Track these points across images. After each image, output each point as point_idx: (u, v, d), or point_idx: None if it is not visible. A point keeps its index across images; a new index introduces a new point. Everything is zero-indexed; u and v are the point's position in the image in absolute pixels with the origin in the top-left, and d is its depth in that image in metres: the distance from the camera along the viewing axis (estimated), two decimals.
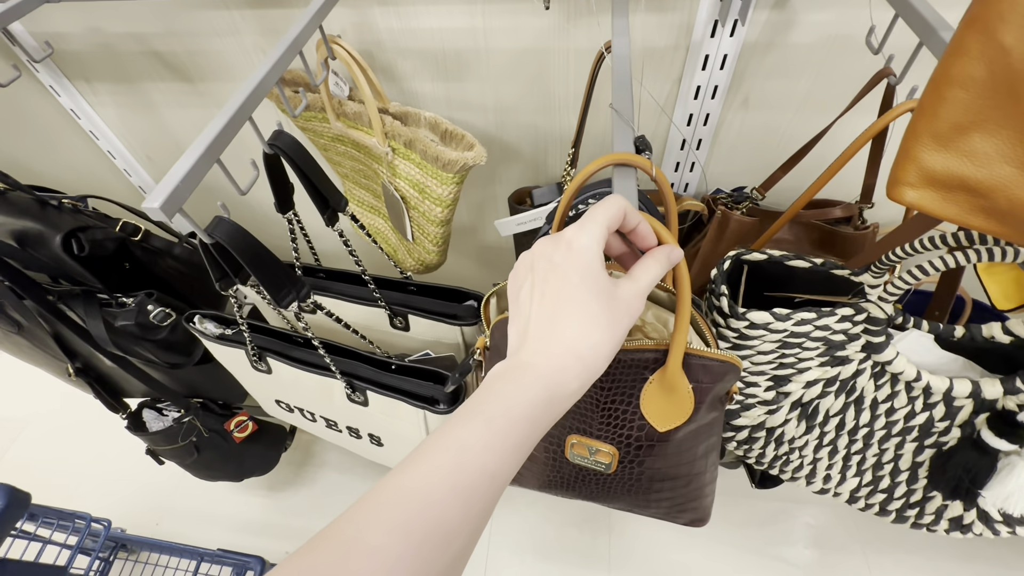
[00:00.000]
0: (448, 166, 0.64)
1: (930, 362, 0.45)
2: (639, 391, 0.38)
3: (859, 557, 1.09)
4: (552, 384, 0.27)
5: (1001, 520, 0.45)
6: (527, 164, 0.89)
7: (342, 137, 0.77)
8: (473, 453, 0.24)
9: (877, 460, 0.48)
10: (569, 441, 0.43)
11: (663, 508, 0.44)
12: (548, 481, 0.46)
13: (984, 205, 0.27)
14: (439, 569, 0.22)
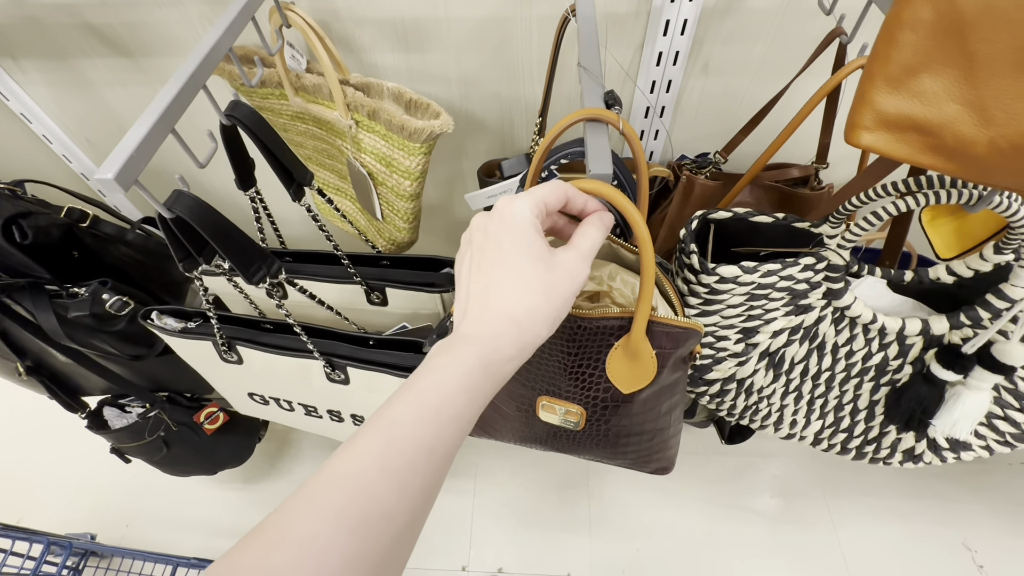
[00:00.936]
0: (414, 135, 0.62)
1: (883, 305, 0.48)
2: (605, 356, 0.41)
3: (820, 502, 1.16)
4: (488, 351, 0.27)
5: (947, 447, 0.49)
6: (494, 136, 0.88)
7: (302, 114, 0.74)
8: (406, 429, 0.24)
9: (838, 402, 0.51)
10: (540, 402, 0.45)
11: (630, 459, 0.47)
12: (522, 436, 0.49)
13: (933, 143, 0.29)
14: (377, 551, 0.21)
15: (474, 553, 1.12)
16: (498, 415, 0.49)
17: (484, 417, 0.51)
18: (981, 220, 0.68)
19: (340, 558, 0.20)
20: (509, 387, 0.46)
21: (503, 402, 0.47)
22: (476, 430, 0.53)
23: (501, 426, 0.49)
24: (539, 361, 0.43)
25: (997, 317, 0.41)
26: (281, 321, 0.63)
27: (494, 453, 1.24)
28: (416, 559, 1.11)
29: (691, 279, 0.49)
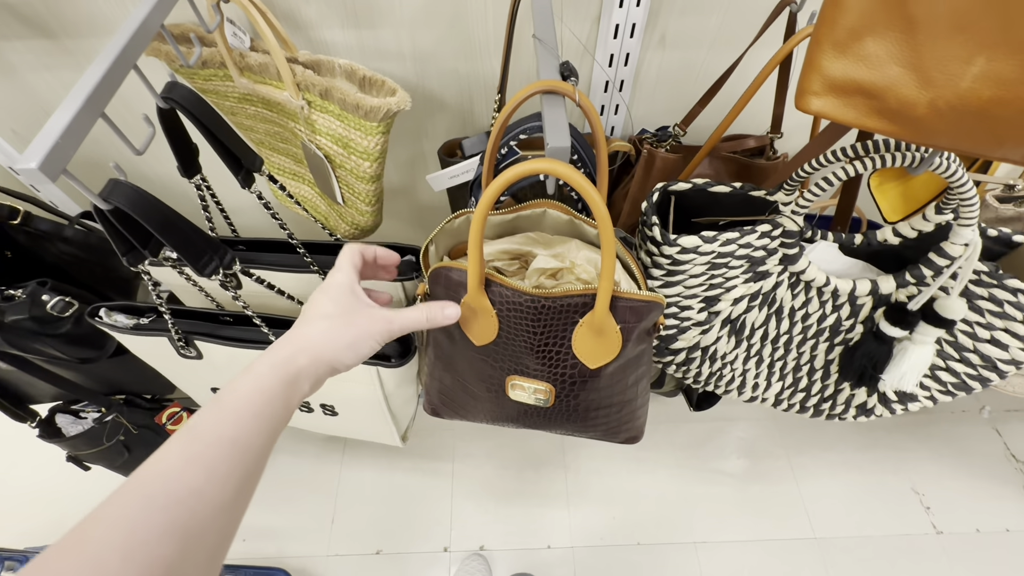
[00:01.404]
0: (371, 114, 0.60)
1: (836, 268, 0.50)
2: (571, 333, 0.41)
3: (783, 460, 1.22)
4: (280, 361, 0.33)
5: (896, 400, 0.52)
6: (453, 115, 0.86)
7: (250, 96, 0.70)
8: (207, 426, 0.29)
9: (796, 363, 0.53)
10: (509, 382, 0.45)
11: (600, 431, 0.49)
12: (494, 416, 0.49)
13: (878, 106, 0.30)
14: (193, 522, 0.25)
15: (455, 533, 1.13)
16: (469, 397, 0.49)
17: (456, 400, 0.51)
18: (924, 183, 0.71)
19: (156, 528, 0.24)
20: (478, 368, 0.46)
21: (473, 384, 0.47)
22: (450, 412, 0.53)
23: (473, 407, 0.49)
24: (507, 342, 0.43)
25: (939, 274, 0.44)
26: (240, 313, 0.61)
27: (470, 436, 1.25)
28: (398, 543, 1.11)
29: (654, 251, 0.49)
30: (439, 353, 0.50)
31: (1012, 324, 0.44)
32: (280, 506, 1.17)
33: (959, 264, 0.42)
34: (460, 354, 0.47)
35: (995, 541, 1.09)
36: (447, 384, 0.50)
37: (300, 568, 1.09)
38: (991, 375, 0.47)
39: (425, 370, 0.54)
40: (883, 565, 1.08)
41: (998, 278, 0.43)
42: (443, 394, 0.52)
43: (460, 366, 0.47)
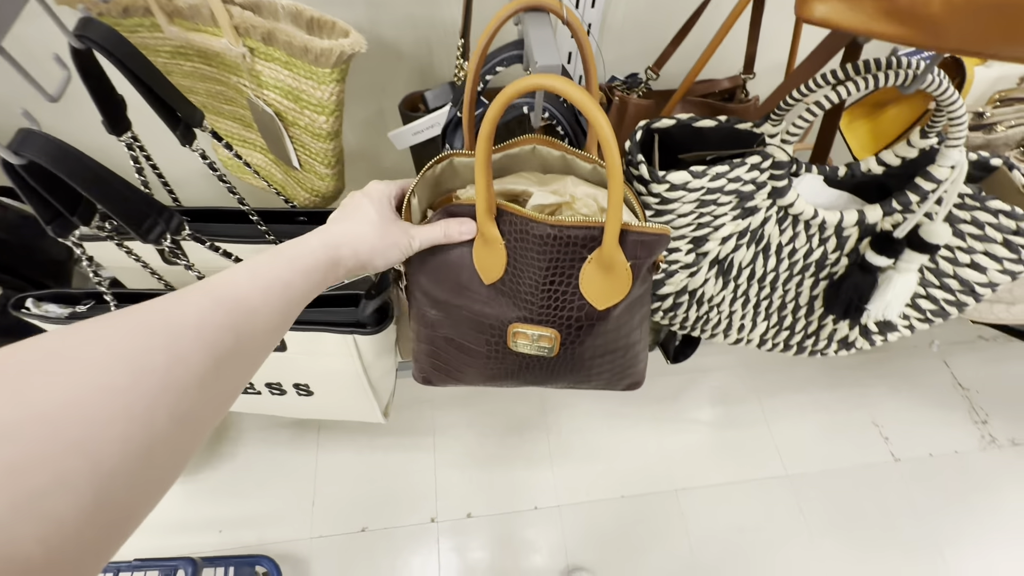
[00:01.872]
0: (322, 58, 0.54)
1: (821, 201, 0.49)
2: (578, 271, 0.39)
3: (755, 404, 1.27)
4: (327, 236, 0.37)
5: (876, 331, 0.53)
6: (411, 67, 0.81)
7: (184, 48, 0.63)
8: (270, 267, 0.32)
9: (781, 301, 0.53)
10: (511, 331, 0.42)
11: (604, 379, 0.47)
12: (492, 374, 0.46)
13: (887, 7, 0.28)
14: (244, 329, 0.28)
15: (441, 504, 1.12)
16: (465, 355, 0.46)
17: (449, 363, 0.48)
18: (892, 120, 0.71)
19: (221, 323, 0.26)
20: (479, 323, 0.43)
21: (471, 340, 0.45)
22: (442, 377, 0.50)
23: (469, 367, 0.47)
24: (512, 282, 0.41)
25: (925, 199, 0.44)
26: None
27: (450, 405, 1.23)
28: (383, 519, 1.09)
29: (641, 191, 0.47)
30: (425, 317, 0.47)
31: (992, 246, 0.44)
32: (255, 493, 1.12)
33: (945, 187, 0.42)
34: (458, 308, 0.44)
35: (946, 463, 1.18)
36: (439, 346, 0.47)
37: (284, 553, 1.05)
38: (968, 299, 0.48)
39: (411, 336, 0.51)
40: (849, 495, 1.15)
41: (981, 200, 0.43)
42: (434, 357, 0.49)
43: (456, 321, 0.45)
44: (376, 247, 0.39)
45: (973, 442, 1.20)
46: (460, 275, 0.42)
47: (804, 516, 1.12)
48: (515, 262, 0.40)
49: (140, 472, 0.20)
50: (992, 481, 1.15)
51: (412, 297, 0.47)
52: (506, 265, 0.40)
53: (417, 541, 1.08)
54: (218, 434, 1.18)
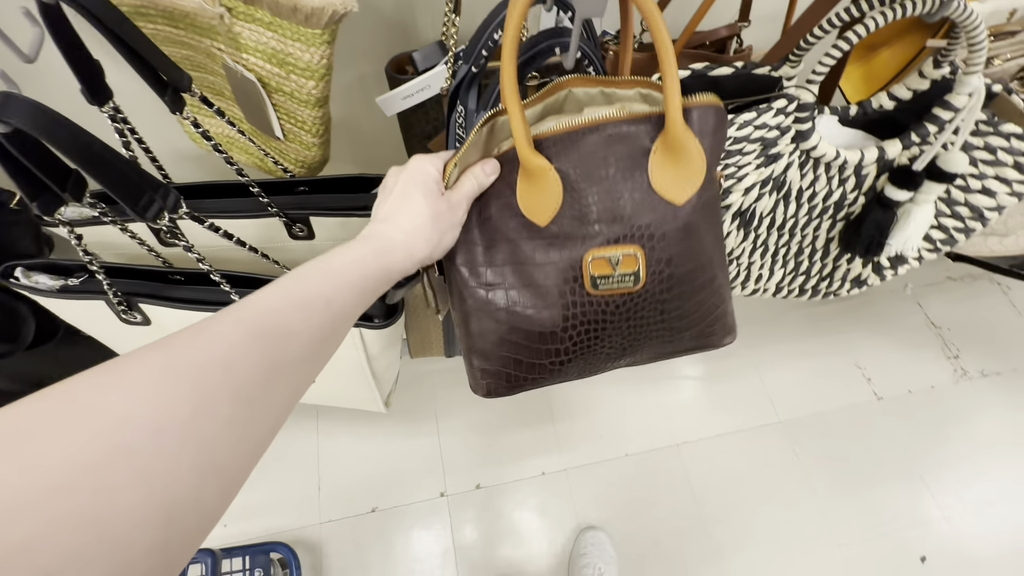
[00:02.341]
0: (312, 18, 0.50)
1: (838, 142, 0.49)
2: (645, 166, 0.35)
3: (745, 357, 1.31)
4: (378, 241, 0.35)
5: (888, 265, 0.54)
6: (392, 27, 0.76)
7: (146, 8, 0.57)
8: (309, 283, 0.30)
9: (799, 247, 0.54)
10: (587, 261, 0.37)
11: (695, 330, 0.41)
12: (572, 351, 0.40)
13: None
14: (283, 359, 0.26)
15: (449, 479, 1.12)
16: (536, 331, 0.39)
17: (519, 352, 0.40)
18: (885, 63, 0.72)
19: (253, 354, 0.25)
20: (546, 274, 0.38)
21: (540, 304, 0.38)
22: (510, 381, 0.42)
23: (540, 351, 0.40)
24: (575, 209, 0.36)
25: (942, 130, 0.44)
26: (194, 270, 0.52)
27: (450, 383, 1.22)
28: (392, 498, 1.09)
29: None
30: (477, 301, 0.40)
31: (1003, 170, 0.46)
32: (258, 484, 1.09)
33: (963, 116, 0.43)
34: (519, 268, 0.38)
35: (924, 398, 1.25)
36: (501, 336, 0.39)
37: (295, 540, 1.04)
38: (976, 224, 0.50)
39: (460, 345, 0.43)
40: (838, 435, 1.21)
41: (994, 125, 0.44)
42: (499, 351, 0.40)
43: (518, 284, 0.39)
44: (432, 240, 0.36)
45: (947, 376, 1.27)
46: (507, 229, 0.38)
47: (798, 458, 1.18)
48: (573, 186, 0.36)
49: (161, 537, 0.18)
50: (965, 411, 1.23)
51: (454, 283, 0.41)
52: (563, 193, 0.36)
53: (429, 516, 1.08)
54: None
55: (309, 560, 1.03)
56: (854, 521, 1.10)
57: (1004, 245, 0.63)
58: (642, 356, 0.42)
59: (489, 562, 1.04)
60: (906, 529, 1.09)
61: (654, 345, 0.41)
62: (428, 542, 1.06)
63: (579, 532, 1.07)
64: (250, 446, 0.24)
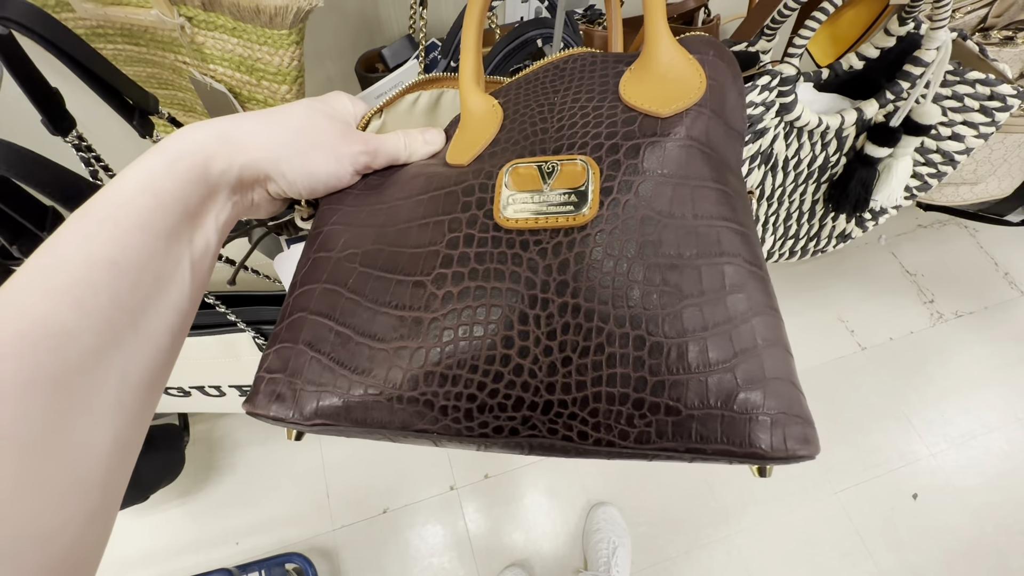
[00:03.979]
0: (277, 19, 0.49)
1: (816, 108, 0.50)
2: (616, 84, 0.26)
3: None
4: (176, 146, 0.23)
5: (869, 217, 0.56)
6: (356, 24, 0.74)
7: (104, 28, 0.54)
8: (70, 247, 0.20)
9: (787, 212, 0.55)
10: (502, 174, 0.25)
11: (699, 337, 0.21)
12: (449, 326, 0.23)
13: None
14: (61, 367, 0.18)
15: (457, 471, 1.13)
16: (398, 278, 0.25)
17: (353, 326, 0.25)
18: (850, 22, 0.73)
19: (1, 380, 0.17)
20: (436, 196, 0.26)
21: (416, 239, 0.25)
22: (319, 384, 0.24)
23: (393, 319, 0.24)
24: (509, 131, 0.27)
25: (914, 85, 0.45)
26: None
27: None
28: (402, 497, 1.09)
29: None
30: (328, 240, 0.27)
31: (970, 115, 0.47)
32: (266, 499, 1.09)
33: (932, 70, 0.44)
34: (402, 200, 0.27)
35: (905, 344, 1.30)
36: (340, 311, 0.25)
37: (309, 549, 1.04)
38: (947, 168, 0.51)
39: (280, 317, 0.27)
40: (827, 387, 1.25)
41: (960, 73, 0.46)
42: (318, 325, 0.25)
43: (393, 218, 0.27)
44: (282, 143, 0.25)
45: (924, 321, 1.33)
46: (410, 180, 0.28)
47: None
48: (514, 113, 0.27)
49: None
50: (944, 351, 1.28)
51: (312, 234, 0.29)
52: (501, 122, 0.27)
53: (441, 511, 1.09)
54: (212, 448, 1.13)
55: (326, 567, 1.03)
56: (848, 467, 1.15)
57: (975, 192, 0.66)
58: (592, 411, 0.22)
59: (505, 548, 1.06)
60: (897, 469, 1.14)
61: (607, 375, 0.21)
62: (443, 536, 1.07)
63: (590, 509, 1.09)
64: (67, 505, 0.18)
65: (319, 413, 0.24)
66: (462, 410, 0.22)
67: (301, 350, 0.25)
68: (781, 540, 1.07)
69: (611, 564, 0.97)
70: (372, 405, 0.23)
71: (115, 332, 0.20)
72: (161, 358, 0.22)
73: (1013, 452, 1.15)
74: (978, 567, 1.05)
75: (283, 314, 0.27)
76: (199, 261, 0.24)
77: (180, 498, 1.08)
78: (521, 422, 0.22)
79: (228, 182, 0.25)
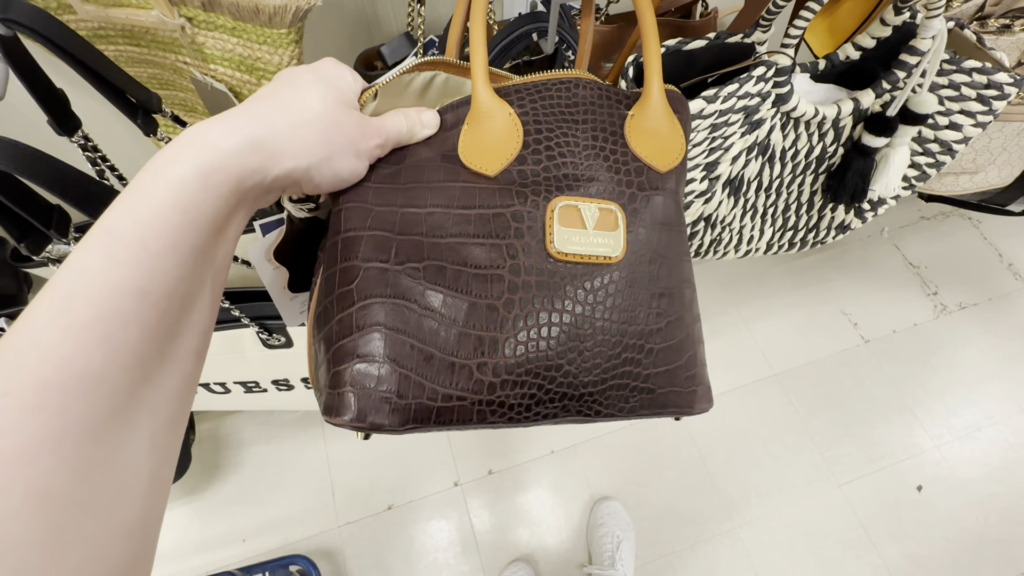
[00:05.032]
0: (276, 18, 0.49)
1: (812, 98, 0.50)
2: (621, 130, 0.31)
3: (734, 315, 1.34)
4: (209, 154, 0.21)
5: (868, 208, 0.56)
6: (354, 22, 0.75)
7: (104, 30, 0.55)
8: (96, 275, 0.18)
9: (785, 204, 0.55)
10: (552, 210, 0.28)
11: (671, 371, 0.31)
12: (516, 335, 0.28)
13: None
14: (93, 415, 0.17)
15: (461, 467, 1.14)
16: (461, 305, 0.28)
17: (424, 342, 0.27)
18: (848, 13, 0.73)
19: (32, 436, 0.16)
20: (486, 222, 0.28)
21: (471, 261, 0.28)
22: (404, 393, 0.27)
23: (465, 339, 0.27)
24: (538, 154, 0.30)
25: (910, 74, 0.45)
26: None
27: None
28: (407, 493, 1.10)
29: None
30: (368, 271, 0.27)
31: (967, 104, 0.47)
32: (272, 496, 1.10)
33: (928, 59, 0.44)
34: (443, 222, 0.28)
35: (908, 336, 1.29)
36: (399, 319, 0.27)
37: (315, 546, 1.05)
38: (946, 158, 0.51)
39: (324, 349, 0.28)
40: (830, 381, 1.25)
41: (956, 62, 0.46)
42: (398, 343, 0.27)
43: (437, 246, 0.28)
44: (314, 149, 0.24)
45: (928, 313, 1.32)
46: (432, 176, 0.29)
47: (794, 407, 1.22)
48: (536, 133, 0.30)
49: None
50: (947, 343, 1.28)
51: (345, 238, 0.28)
52: (523, 137, 0.29)
53: (446, 507, 1.10)
54: (217, 447, 1.14)
55: (330, 568, 1.04)
56: (852, 460, 1.15)
57: (975, 182, 0.66)
58: (602, 394, 0.30)
59: (510, 543, 1.07)
60: (901, 462, 1.14)
61: (619, 371, 0.30)
62: (447, 531, 1.08)
63: (594, 504, 1.09)
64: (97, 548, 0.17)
65: (411, 420, 0.27)
66: (525, 406, 0.28)
67: (389, 367, 0.26)
68: (785, 533, 1.07)
69: (615, 558, 0.98)
70: (458, 410, 0.27)
71: (145, 368, 0.19)
72: (187, 385, 0.21)
73: (1017, 443, 1.15)
74: (983, 558, 1.05)
75: (346, 325, 0.27)
76: (220, 276, 0.23)
77: (186, 496, 1.09)
78: (561, 409, 0.29)
79: (257, 193, 0.23)
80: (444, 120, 0.30)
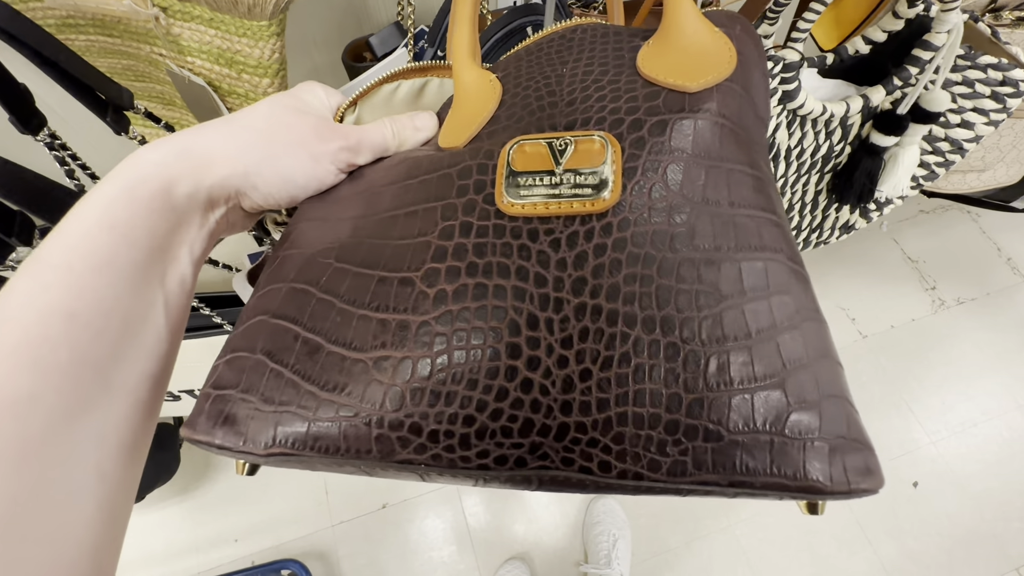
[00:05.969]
0: (256, 9, 0.46)
1: (820, 94, 0.48)
2: (632, 57, 0.23)
3: None
4: (136, 170, 0.21)
5: (874, 208, 0.54)
6: (342, 11, 0.72)
7: (73, 19, 0.52)
8: (22, 297, 0.18)
9: (790, 203, 0.53)
10: (505, 154, 0.21)
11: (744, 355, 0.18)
12: (442, 332, 0.19)
13: None
14: (22, 439, 0.17)
15: None
16: (379, 274, 0.21)
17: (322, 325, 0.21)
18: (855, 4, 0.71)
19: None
20: (427, 180, 0.23)
21: (401, 230, 0.22)
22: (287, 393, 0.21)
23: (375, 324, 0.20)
24: (511, 106, 0.24)
25: (923, 70, 0.43)
26: None
27: None
28: (401, 492, 1.09)
29: None
30: (300, 238, 0.24)
31: (981, 101, 0.45)
32: (264, 496, 1.09)
33: (942, 54, 0.42)
34: (386, 187, 0.24)
35: (906, 331, 1.29)
36: (309, 288, 0.22)
37: (308, 546, 1.04)
38: (955, 157, 0.50)
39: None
40: None
41: (971, 58, 0.44)
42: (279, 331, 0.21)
43: (373, 205, 0.23)
44: (251, 146, 0.23)
45: (926, 308, 1.31)
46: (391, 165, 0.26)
47: None
48: (515, 87, 0.24)
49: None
50: (945, 338, 1.27)
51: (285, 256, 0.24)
52: (500, 97, 0.24)
53: (440, 505, 1.09)
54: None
55: (324, 568, 1.03)
56: None
57: (982, 180, 0.64)
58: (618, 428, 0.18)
59: (505, 541, 1.06)
60: (898, 458, 1.14)
61: (635, 391, 0.18)
62: (442, 530, 1.07)
63: (589, 502, 1.09)
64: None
65: (278, 440, 0.19)
66: (457, 436, 0.18)
67: (259, 360, 0.20)
68: (781, 530, 1.07)
69: (612, 556, 0.97)
70: (344, 430, 0.19)
71: (82, 391, 0.18)
72: (141, 411, 0.20)
73: (1013, 439, 1.15)
74: (977, 554, 1.05)
75: (241, 319, 0.23)
76: (174, 300, 0.22)
77: (178, 496, 1.08)
78: (529, 450, 0.18)
79: (197, 207, 0.22)
80: (441, 119, 0.27)
